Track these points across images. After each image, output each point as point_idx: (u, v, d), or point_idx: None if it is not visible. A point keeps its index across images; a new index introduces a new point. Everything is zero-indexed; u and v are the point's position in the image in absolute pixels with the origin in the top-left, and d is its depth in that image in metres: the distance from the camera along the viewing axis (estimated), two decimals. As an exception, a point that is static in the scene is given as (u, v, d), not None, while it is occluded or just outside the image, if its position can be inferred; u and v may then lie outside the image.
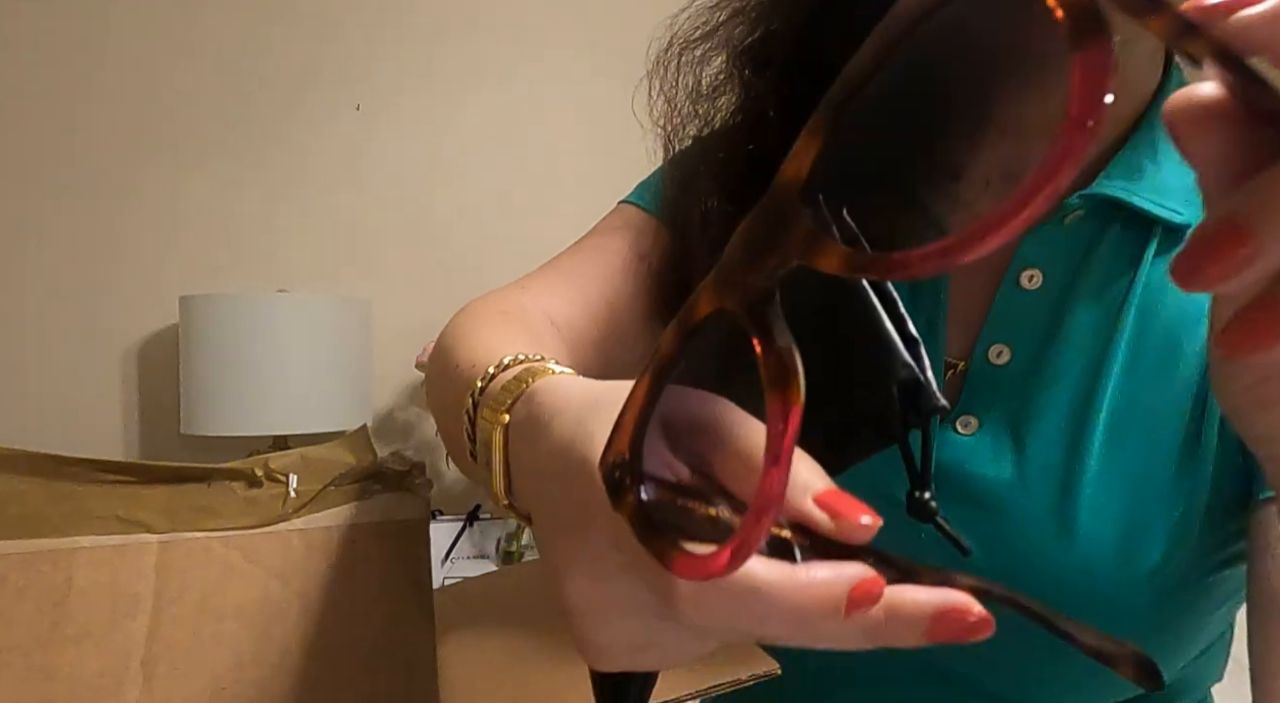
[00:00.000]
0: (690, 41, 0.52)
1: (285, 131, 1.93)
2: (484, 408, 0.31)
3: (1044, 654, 0.47)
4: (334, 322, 1.66)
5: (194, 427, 1.62)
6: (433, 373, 0.47)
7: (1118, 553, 0.44)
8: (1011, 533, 0.46)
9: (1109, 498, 0.44)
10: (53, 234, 1.81)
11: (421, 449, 1.95)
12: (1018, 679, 0.49)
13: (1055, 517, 0.45)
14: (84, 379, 1.82)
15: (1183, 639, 0.48)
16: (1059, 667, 0.47)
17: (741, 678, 0.43)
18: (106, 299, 1.83)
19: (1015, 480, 0.46)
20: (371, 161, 1.97)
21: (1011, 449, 0.47)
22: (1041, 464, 0.46)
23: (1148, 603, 0.44)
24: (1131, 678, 0.18)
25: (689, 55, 0.52)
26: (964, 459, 0.47)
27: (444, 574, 1.73)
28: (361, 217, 1.96)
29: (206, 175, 1.89)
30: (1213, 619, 0.49)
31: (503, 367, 0.34)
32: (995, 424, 0.47)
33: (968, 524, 0.46)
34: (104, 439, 1.83)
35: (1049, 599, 0.20)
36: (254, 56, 1.91)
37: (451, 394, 0.39)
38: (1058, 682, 0.48)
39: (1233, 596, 0.48)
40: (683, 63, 0.53)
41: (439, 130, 2.01)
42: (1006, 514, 0.46)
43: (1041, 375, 0.47)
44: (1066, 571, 0.44)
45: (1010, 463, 0.46)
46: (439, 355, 0.46)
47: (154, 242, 1.86)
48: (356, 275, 1.94)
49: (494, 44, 2.05)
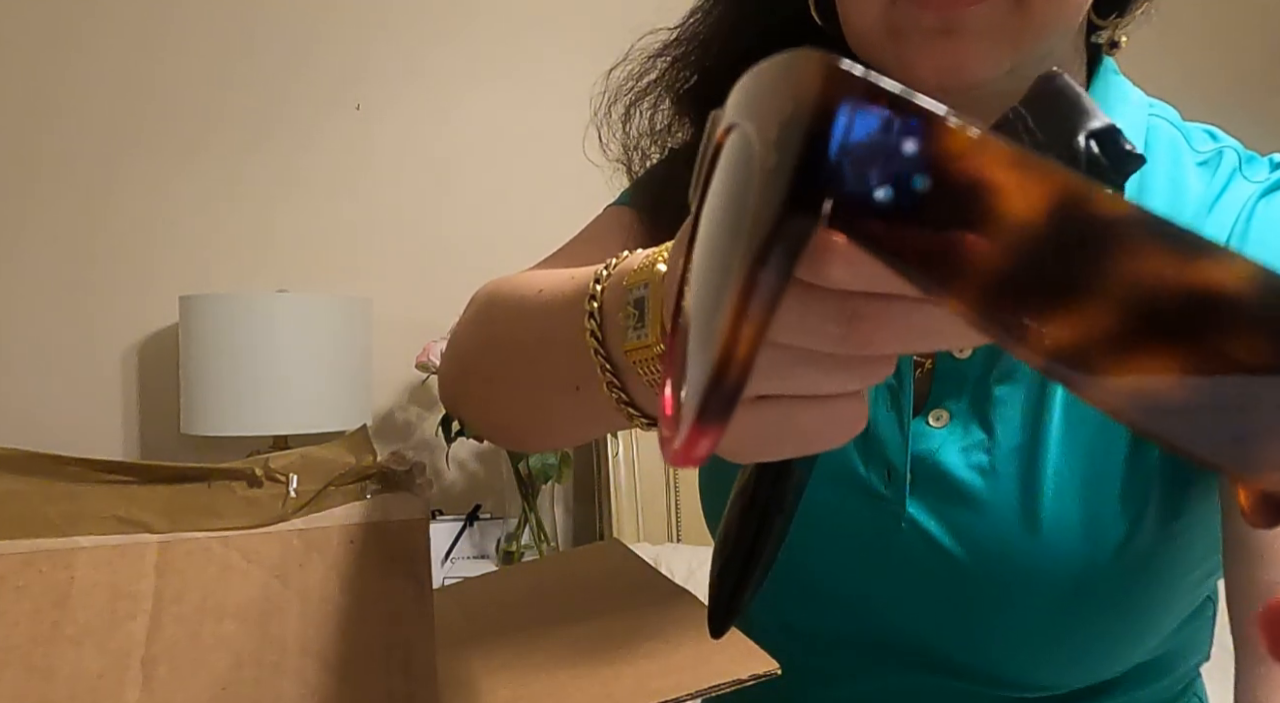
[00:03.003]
0: (639, 92, 0.56)
1: (285, 131, 1.93)
2: (614, 286, 0.33)
3: (1040, 636, 0.48)
4: (334, 322, 1.66)
5: (194, 427, 1.62)
6: (492, 313, 0.47)
7: (1083, 532, 0.46)
8: (984, 519, 0.48)
9: (1071, 477, 0.47)
10: (52, 234, 1.81)
11: (421, 449, 1.95)
12: (1015, 662, 0.50)
13: (1022, 501, 0.47)
14: (84, 379, 1.82)
15: (1156, 610, 0.50)
16: (1055, 648, 0.49)
17: (741, 678, 0.43)
18: (106, 299, 1.83)
19: (986, 467, 0.48)
20: (371, 161, 1.97)
21: (981, 438, 0.49)
22: (1007, 450, 0.48)
23: (1117, 577, 0.46)
24: None
25: (637, 108, 0.57)
26: (937, 450, 0.49)
27: (444, 574, 1.73)
28: (361, 217, 1.96)
29: (206, 175, 1.89)
30: (1184, 587, 0.50)
31: (611, 266, 0.34)
32: (964, 416, 0.50)
33: (944, 516, 0.49)
34: (104, 439, 1.83)
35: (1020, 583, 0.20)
36: (254, 56, 1.91)
37: (546, 317, 0.39)
38: (1053, 662, 0.50)
39: (1203, 562, 0.50)
40: (631, 113, 0.57)
41: (439, 130, 2.01)
42: (979, 501, 0.48)
43: (1000, 366, 0.49)
44: (1036, 555, 0.46)
45: (981, 451, 0.49)
46: (493, 307, 0.47)
47: (154, 242, 1.86)
48: (356, 275, 1.94)
49: (494, 44, 2.05)
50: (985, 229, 0.13)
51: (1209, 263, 0.12)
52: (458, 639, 0.50)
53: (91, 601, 0.39)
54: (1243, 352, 0.12)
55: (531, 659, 0.48)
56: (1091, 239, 0.12)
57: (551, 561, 1.08)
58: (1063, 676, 0.50)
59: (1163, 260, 0.12)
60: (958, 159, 0.13)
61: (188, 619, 0.40)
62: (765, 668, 0.44)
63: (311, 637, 0.42)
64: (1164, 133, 0.51)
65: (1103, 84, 0.51)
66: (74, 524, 0.40)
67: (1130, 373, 0.12)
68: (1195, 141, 0.51)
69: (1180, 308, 0.12)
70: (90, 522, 0.40)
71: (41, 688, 0.37)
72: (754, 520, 0.32)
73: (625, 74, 0.57)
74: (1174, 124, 0.52)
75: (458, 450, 1.90)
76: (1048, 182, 0.12)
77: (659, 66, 0.56)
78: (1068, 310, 0.12)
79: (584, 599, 0.56)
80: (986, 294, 0.13)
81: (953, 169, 0.13)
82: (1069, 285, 0.12)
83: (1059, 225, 0.12)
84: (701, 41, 0.55)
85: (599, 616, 0.52)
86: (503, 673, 0.47)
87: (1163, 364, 0.12)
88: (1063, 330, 0.13)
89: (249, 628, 0.41)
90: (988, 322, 0.13)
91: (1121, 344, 0.12)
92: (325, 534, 0.44)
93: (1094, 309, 0.12)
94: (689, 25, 0.55)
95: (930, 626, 0.51)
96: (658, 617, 0.51)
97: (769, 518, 0.32)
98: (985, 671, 0.51)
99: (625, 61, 0.57)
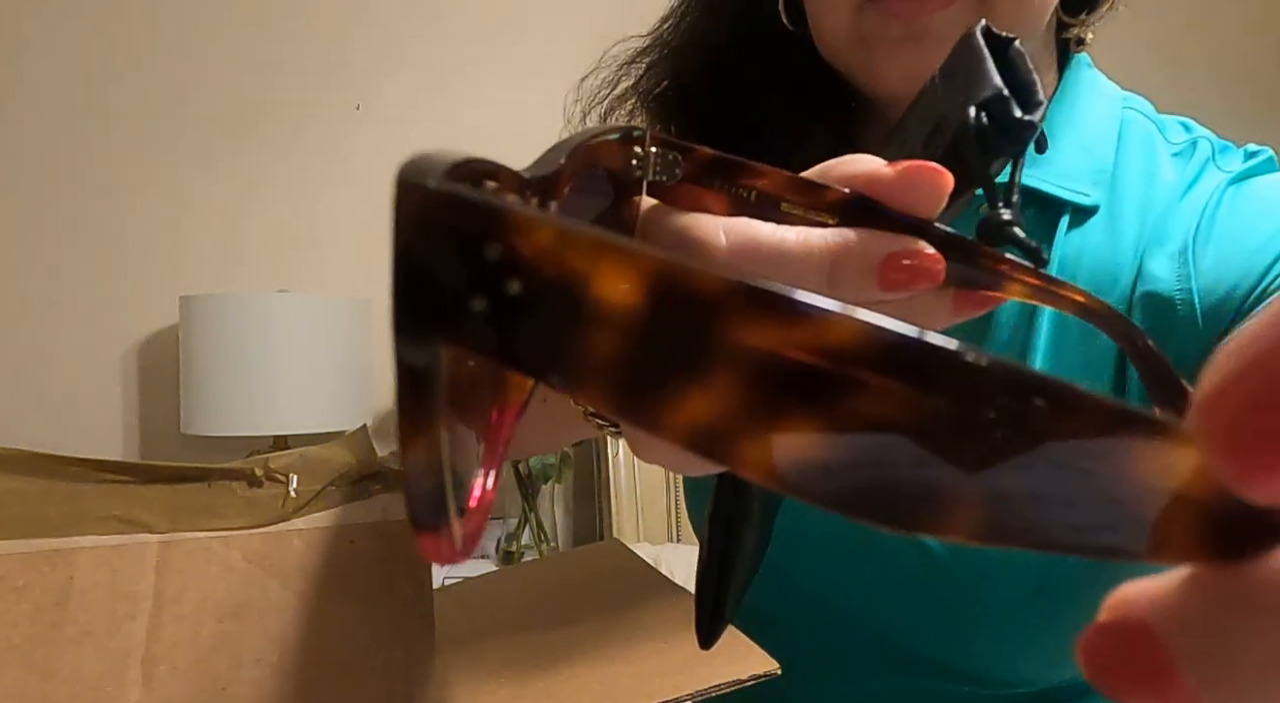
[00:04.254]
0: (615, 100, 0.57)
1: (285, 131, 1.93)
2: None
3: (1019, 629, 0.49)
4: (334, 322, 1.66)
5: (194, 427, 1.62)
6: None
7: None
8: None
9: None
10: (53, 234, 1.81)
11: (421, 449, 1.95)
12: (997, 658, 0.50)
13: None
14: (84, 379, 1.82)
15: None
16: (1035, 642, 0.49)
17: (741, 678, 0.43)
18: (107, 299, 1.83)
19: None
20: (372, 161, 1.97)
21: None
22: None
23: (1094, 567, 0.46)
24: None
25: (612, 116, 0.57)
26: None
27: (444, 574, 1.73)
28: (361, 217, 1.96)
29: (206, 175, 1.89)
30: None
31: None
32: None
33: None
34: (104, 439, 1.83)
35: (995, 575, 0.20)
36: (253, 57, 1.91)
37: None
38: (1034, 657, 0.50)
39: None
40: (605, 121, 0.57)
41: (440, 130, 2.01)
42: None
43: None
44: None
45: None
46: None
47: (154, 242, 1.86)
48: (356, 275, 1.93)
49: (495, 44, 2.05)
50: (590, 321, 0.12)
51: (816, 323, 0.11)
52: (458, 639, 0.50)
53: (91, 601, 0.39)
54: (871, 409, 0.11)
55: (531, 659, 0.48)
56: (696, 315, 0.12)
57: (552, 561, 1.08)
58: (1044, 671, 0.51)
59: (768, 327, 0.11)
60: (540, 255, 0.12)
61: (188, 619, 0.40)
62: (765, 668, 0.44)
63: (311, 637, 0.42)
64: (1138, 125, 0.52)
65: (1074, 79, 0.52)
66: (74, 524, 0.40)
67: (772, 439, 0.12)
68: (1169, 133, 0.52)
69: (799, 370, 0.12)
70: (90, 522, 0.40)
71: (41, 688, 0.37)
72: (720, 530, 0.32)
73: (599, 82, 0.57)
74: (1148, 116, 0.53)
75: (458, 450, 1.90)
76: (637, 263, 0.12)
77: (632, 74, 0.56)
78: (692, 388, 0.12)
79: (584, 599, 0.56)
80: (612, 385, 0.13)
81: (538, 266, 0.12)
82: (688, 363, 0.12)
83: (659, 306, 0.12)
84: (674, 48, 0.55)
85: (599, 616, 0.52)
86: (503, 673, 0.47)
87: (799, 426, 0.12)
88: (694, 408, 0.12)
89: (249, 628, 0.41)
90: (624, 411, 0.13)
91: (754, 413, 0.12)
92: (325, 534, 0.44)
93: (716, 383, 0.12)
94: (661, 32, 0.56)
95: (912, 625, 0.51)
96: (657, 617, 0.51)
97: (735, 528, 0.32)
98: (968, 669, 0.51)
99: (598, 69, 0.57)
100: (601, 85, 0.57)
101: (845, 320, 0.11)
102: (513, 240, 0.12)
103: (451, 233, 0.13)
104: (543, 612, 0.56)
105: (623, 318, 0.12)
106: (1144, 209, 0.48)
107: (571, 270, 0.12)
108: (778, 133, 0.52)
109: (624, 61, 0.57)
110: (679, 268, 0.12)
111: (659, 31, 0.56)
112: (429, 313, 0.13)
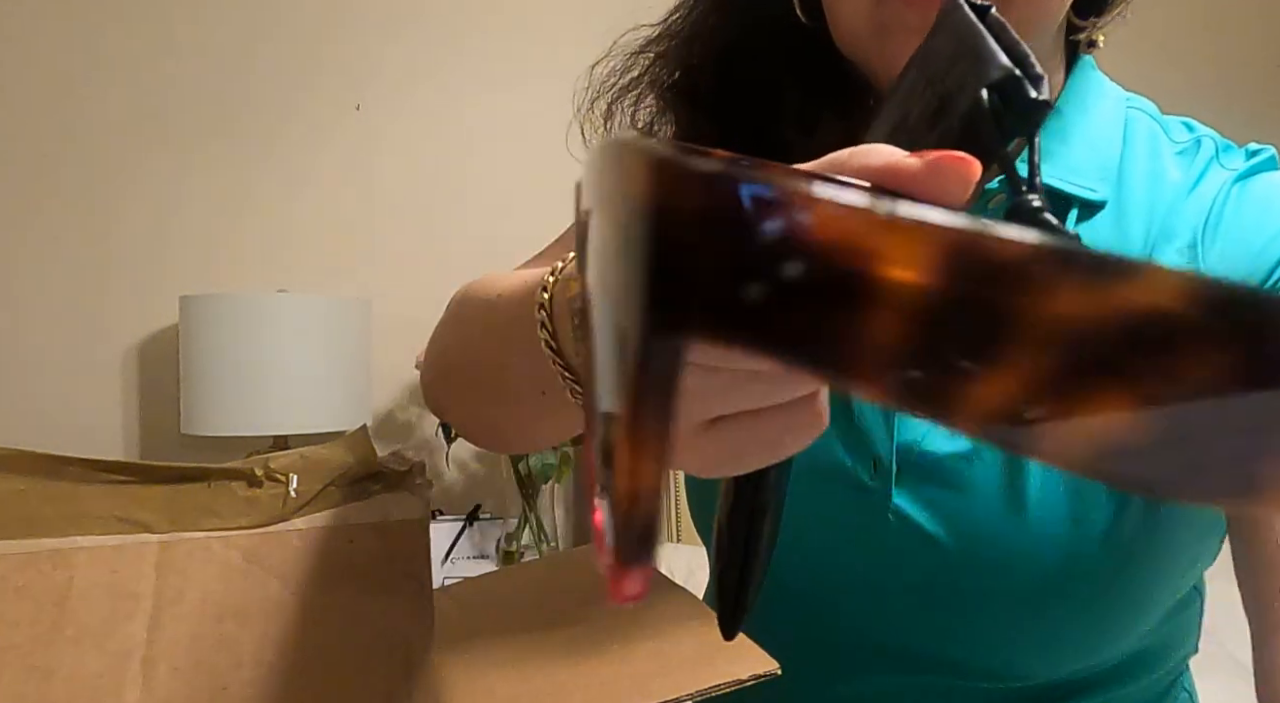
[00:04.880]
0: (622, 88, 0.57)
1: (285, 131, 1.93)
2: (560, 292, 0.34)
3: (1026, 623, 0.49)
4: (334, 322, 1.66)
5: (194, 427, 1.62)
6: (462, 315, 0.47)
7: (1069, 516, 0.46)
8: (970, 502, 0.48)
9: None
10: (53, 234, 1.81)
11: (421, 449, 1.95)
12: (1002, 651, 0.50)
13: (1008, 485, 0.47)
14: (84, 379, 1.82)
15: (1141, 599, 0.50)
16: (1041, 636, 0.49)
17: (741, 678, 0.43)
18: (107, 299, 1.83)
19: (970, 452, 0.48)
20: (371, 161, 1.97)
21: None
22: None
23: (1103, 562, 0.47)
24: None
25: (619, 105, 0.57)
26: (922, 438, 0.49)
27: (444, 574, 1.73)
28: (361, 217, 1.96)
29: (206, 175, 1.89)
30: (1170, 572, 0.50)
31: (559, 271, 0.35)
32: None
33: (931, 503, 0.49)
34: (104, 439, 1.83)
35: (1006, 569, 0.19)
36: (254, 56, 1.91)
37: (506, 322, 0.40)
38: (1040, 651, 0.50)
39: (1189, 548, 0.50)
40: (613, 110, 0.57)
41: (439, 130, 2.01)
42: (965, 484, 0.48)
43: None
44: (1022, 538, 0.47)
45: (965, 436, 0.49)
46: (464, 308, 0.47)
47: (154, 241, 1.86)
48: (356, 275, 1.94)
49: (495, 44, 2.05)
50: (878, 303, 0.11)
51: (1132, 283, 0.10)
52: (458, 639, 0.50)
53: (91, 601, 0.39)
54: (1195, 371, 0.10)
55: (531, 659, 0.48)
56: (998, 286, 0.11)
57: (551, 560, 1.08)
58: (1050, 665, 0.51)
59: (1081, 292, 0.10)
60: (827, 234, 0.11)
61: (188, 619, 0.40)
62: (765, 668, 0.44)
63: (311, 637, 0.42)
64: (1142, 125, 0.52)
65: (1081, 79, 0.52)
66: (74, 524, 0.40)
67: (1077, 421, 0.11)
68: (1173, 133, 0.53)
69: (1114, 339, 0.10)
70: (90, 522, 0.40)
71: (41, 688, 0.37)
72: (743, 524, 0.32)
73: (608, 70, 0.57)
74: (1152, 116, 0.54)
75: (458, 451, 1.90)
76: (933, 237, 0.11)
77: (641, 63, 0.56)
78: (991, 369, 0.11)
79: (584, 599, 0.56)
80: (896, 371, 0.12)
81: (824, 247, 0.11)
82: (986, 342, 0.11)
83: (958, 281, 0.11)
84: (684, 38, 0.55)
85: (599, 615, 0.52)
86: (502, 672, 0.47)
87: (1111, 403, 0.11)
88: (991, 391, 0.11)
89: (249, 628, 0.41)
90: (909, 399, 0.12)
91: (1060, 392, 0.11)
92: (325, 534, 0.44)
93: (1019, 361, 0.11)
94: (672, 22, 0.56)
95: (917, 618, 0.51)
96: (657, 617, 0.51)
97: (756, 520, 0.32)
98: (972, 662, 0.51)
99: (608, 57, 0.57)
100: (611, 73, 0.57)
101: (1163, 276, 0.10)
102: (792, 217, 0.11)
103: (722, 215, 0.11)
104: (543, 612, 0.56)
105: (918, 296, 0.11)
106: (1151, 205, 0.49)
107: (861, 249, 0.11)
108: (787, 123, 0.52)
109: (633, 51, 0.57)
110: (978, 237, 0.11)
111: (669, 21, 0.56)
112: (685, 303, 0.12)
